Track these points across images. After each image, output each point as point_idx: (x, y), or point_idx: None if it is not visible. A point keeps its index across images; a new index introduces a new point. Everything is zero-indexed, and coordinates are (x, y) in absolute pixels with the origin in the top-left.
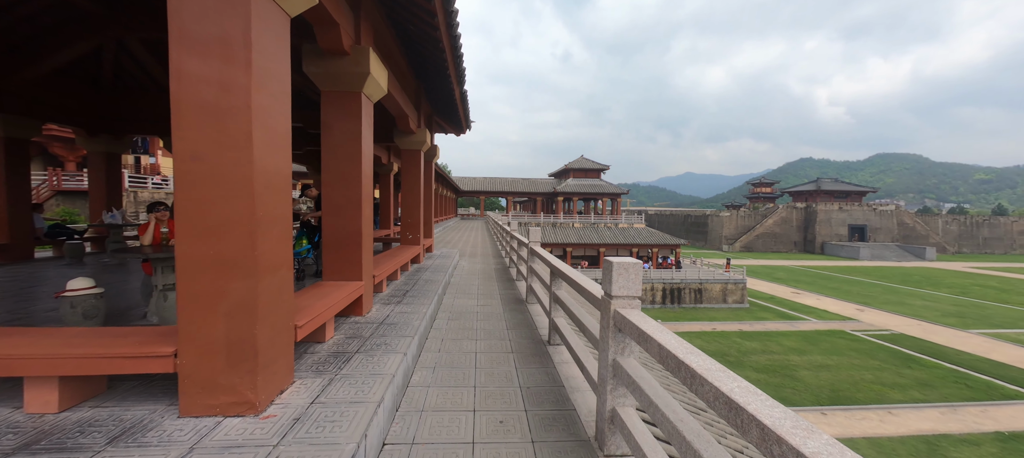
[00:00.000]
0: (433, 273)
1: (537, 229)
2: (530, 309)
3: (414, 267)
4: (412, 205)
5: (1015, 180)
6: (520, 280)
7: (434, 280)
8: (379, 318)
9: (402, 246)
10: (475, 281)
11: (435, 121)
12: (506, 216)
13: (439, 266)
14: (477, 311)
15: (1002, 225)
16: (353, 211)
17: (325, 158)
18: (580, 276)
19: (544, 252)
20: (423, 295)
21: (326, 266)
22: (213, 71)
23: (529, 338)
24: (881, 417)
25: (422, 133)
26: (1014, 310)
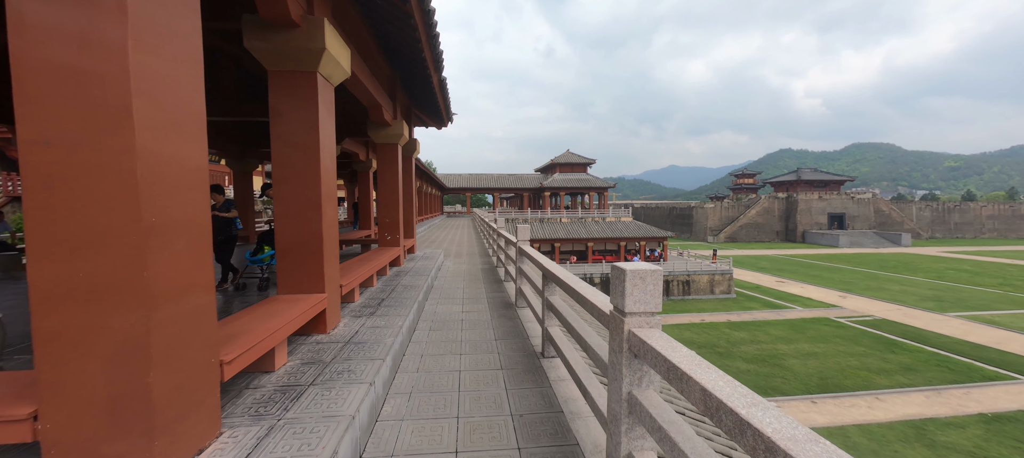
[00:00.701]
0: (414, 277)
1: (526, 227)
2: (520, 314)
3: (393, 271)
4: (390, 204)
5: (982, 167)
6: (508, 281)
7: (414, 285)
8: (346, 335)
9: (380, 249)
10: (460, 283)
11: (414, 114)
12: (493, 213)
13: (421, 269)
14: (462, 319)
15: (971, 210)
16: (311, 212)
17: (275, 150)
18: (579, 283)
19: (534, 252)
20: (401, 304)
21: (280, 277)
22: (69, 18)
23: (520, 350)
24: (869, 403)
25: (399, 126)
26: (987, 292)
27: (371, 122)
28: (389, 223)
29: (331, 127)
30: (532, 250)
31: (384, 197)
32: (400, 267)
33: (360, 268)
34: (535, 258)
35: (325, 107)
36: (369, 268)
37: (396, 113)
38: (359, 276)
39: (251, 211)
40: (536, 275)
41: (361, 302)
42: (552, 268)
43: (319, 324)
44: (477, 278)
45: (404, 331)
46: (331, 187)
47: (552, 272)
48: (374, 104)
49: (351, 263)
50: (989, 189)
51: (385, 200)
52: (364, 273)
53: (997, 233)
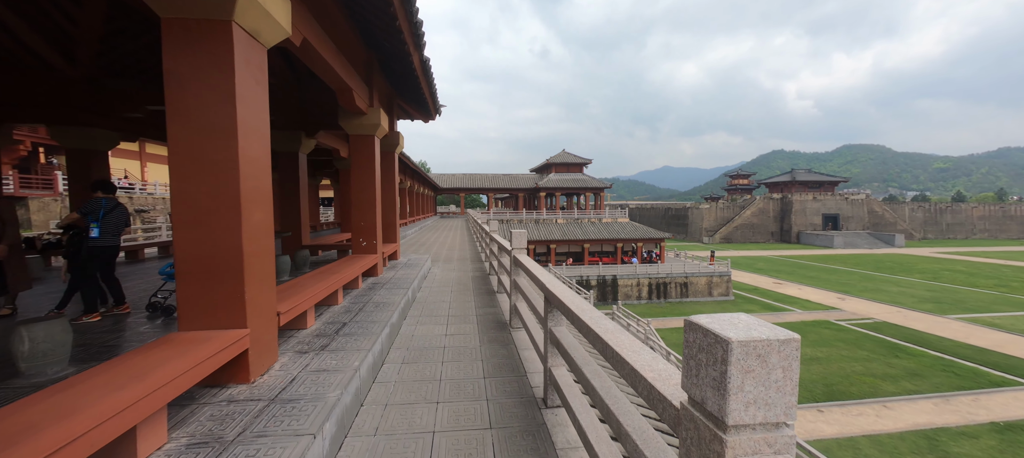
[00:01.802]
0: (391, 290)
1: (521, 232)
2: (515, 338)
3: (369, 282)
4: (365, 205)
5: (970, 168)
6: (502, 292)
7: (389, 302)
8: (275, 387)
9: (351, 258)
10: (447, 296)
11: (397, 105)
12: (486, 214)
13: (402, 279)
14: (445, 345)
15: (963, 211)
16: (224, 218)
17: (172, 132)
18: (602, 323)
19: (533, 265)
20: (367, 328)
21: (182, 308)
22: None
23: (516, 395)
24: (877, 411)
25: (375, 115)
26: (984, 294)
27: (342, 110)
28: (365, 227)
29: (260, 103)
30: (530, 262)
31: (359, 197)
32: (377, 277)
33: (314, 286)
34: (534, 274)
35: (249, 73)
36: (329, 284)
37: (372, 100)
38: (313, 296)
39: None
40: (535, 294)
41: (316, 328)
42: (558, 291)
43: (238, 371)
44: (466, 289)
45: (362, 372)
46: (261, 184)
47: (559, 298)
48: (343, 87)
49: (305, 279)
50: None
51: (360, 200)
52: (320, 291)
53: (988, 233)
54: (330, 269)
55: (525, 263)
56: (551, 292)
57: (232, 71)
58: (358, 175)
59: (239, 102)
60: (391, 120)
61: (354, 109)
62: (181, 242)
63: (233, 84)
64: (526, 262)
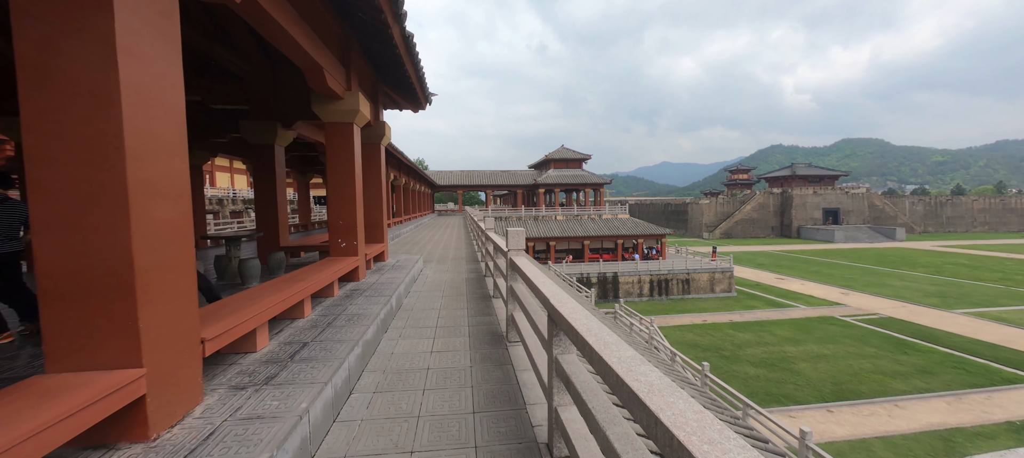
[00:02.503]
0: (371, 299)
1: (519, 230)
2: (512, 355)
3: (347, 288)
4: (343, 201)
5: (968, 161)
6: (498, 297)
7: (365, 313)
8: (181, 447)
9: (325, 262)
10: (437, 302)
11: (383, 92)
12: (484, 211)
13: (386, 284)
14: (429, 366)
15: (963, 204)
16: (107, 214)
17: (23, 93)
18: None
19: (534, 272)
20: (330, 351)
21: (48, 338)
22: None
23: (514, 439)
24: (889, 411)
25: (353, 99)
26: (989, 287)
27: (314, 94)
28: (343, 226)
29: (166, 62)
30: (529, 266)
31: (336, 192)
32: (358, 282)
33: (267, 299)
34: (535, 283)
35: (141, 17)
36: (289, 295)
37: (350, 83)
38: (263, 312)
39: (202, 215)
40: (536, 306)
41: (268, 351)
42: (567, 311)
43: (132, 424)
44: (459, 293)
45: (314, 415)
46: (167, 171)
47: (568, 320)
48: (311, 65)
49: (258, 290)
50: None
51: (338, 196)
52: (275, 305)
53: (988, 226)
54: (295, 276)
55: (523, 268)
56: (557, 311)
57: (110, 14)
58: (335, 168)
59: (123, 55)
60: (375, 109)
61: (327, 92)
62: (42, 250)
63: (111, 27)
64: (525, 267)
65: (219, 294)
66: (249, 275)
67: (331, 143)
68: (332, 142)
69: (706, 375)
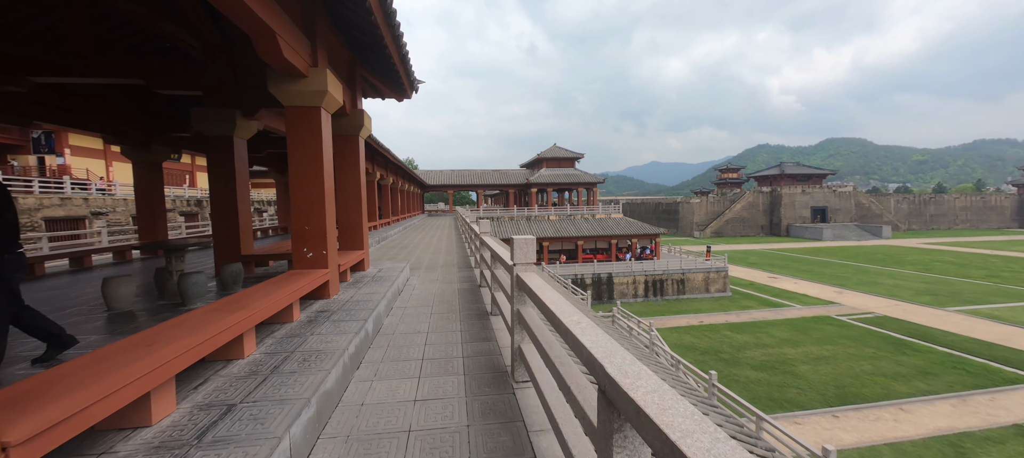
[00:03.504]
0: (339, 325)
1: (528, 240)
2: (522, 405)
3: (313, 309)
4: (308, 201)
5: (947, 160)
6: (497, 314)
7: (328, 349)
8: None
9: (285, 277)
10: (425, 322)
11: (362, 77)
12: (476, 211)
13: (362, 302)
14: (412, 427)
15: (945, 202)
16: None
17: None
18: None
19: (556, 299)
20: (266, 421)
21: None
22: None
23: None
24: (895, 415)
25: (319, 78)
26: (979, 285)
27: (271, 70)
28: (310, 232)
29: None
30: (547, 288)
31: (300, 191)
32: (328, 299)
33: (178, 341)
34: (567, 325)
35: None
36: (215, 332)
37: (316, 58)
38: (160, 368)
39: (162, 218)
40: (557, 347)
41: (167, 425)
42: (643, 392)
43: None
44: (451, 309)
45: None
46: None
47: (658, 424)
48: (261, 29)
49: (167, 328)
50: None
51: (302, 196)
52: (186, 354)
53: (969, 224)
54: (234, 302)
55: (540, 293)
56: (623, 392)
57: None
58: (298, 162)
59: None
60: (352, 96)
61: (286, 67)
62: None
63: None
64: (541, 291)
65: (69, 338)
66: (192, 293)
67: (293, 131)
68: (294, 130)
69: (714, 385)
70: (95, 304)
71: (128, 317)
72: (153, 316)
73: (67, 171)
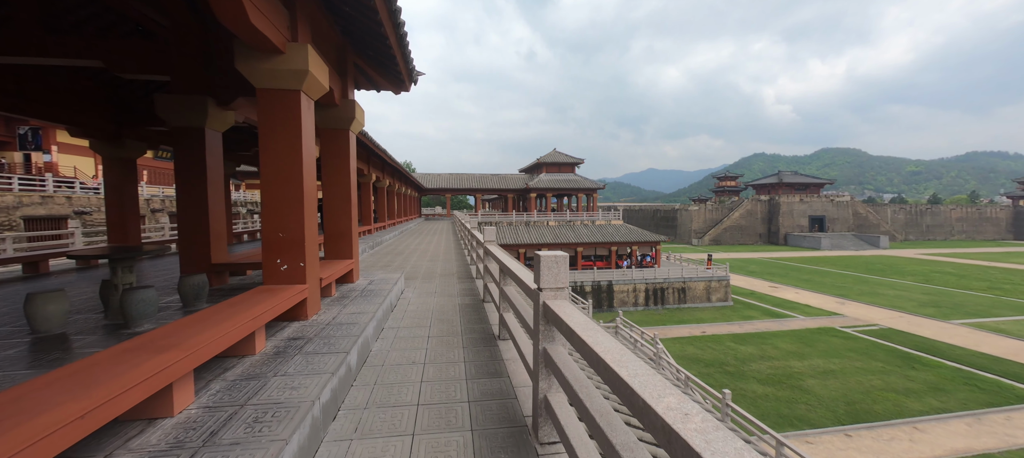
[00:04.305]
0: (312, 358)
1: (558, 257)
2: None
3: (283, 336)
4: (283, 203)
5: (940, 171)
6: (506, 339)
7: (291, 401)
8: None
9: (250, 295)
10: (421, 350)
11: (353, 63)
12: (474, 216)
13: (346, 324)
14: None
15: (942, 213)
16: None
17: None
18: None
19: (620, 358)
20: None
21: None
22: None
23: None
24: (909, 435)
25: (299, 56)
26: (980, 297)
27: (237, 42)
28: (285, 241)
29: None
30: (595, 330)
31: (272, 191)
32: (306, 321)
33: (43, 414)
34: (656, 411)
35: None
36: (112, 397)
37: (296, 32)
38: None
39: (135, 220)
40: (592, 390)
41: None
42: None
43: None
44: (452, 331)
45: None
46: None
47: None
48: None
49: (34, 386)
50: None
51: (274, 197)
52: (54, 433)
53: (965, 235)
54: (158, 340)
55: (598, 347)
56: None
57: None
58: (271, 155)
59: None
60: (342, 84)
61: (255, 39)
62: None
63: None
64: (597, 342)
65: None
66: (137, 313)
67: (266, 119)
68: (267, 118)
69: (727, 405)
70: (20, 324)
71: (56, 343)
72: (89, 339)
73: (53, 169)
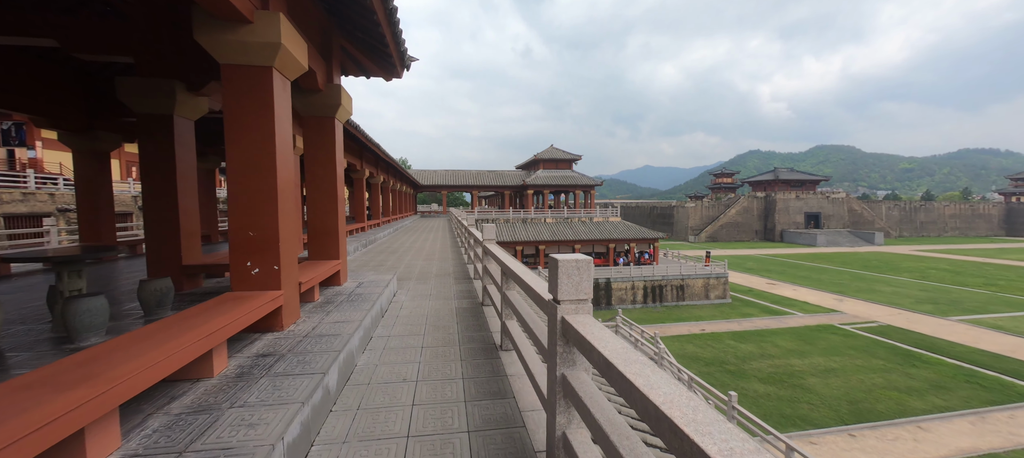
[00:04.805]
0: (281, 382)
1: (582, 263)
2: None
3: (251, 352)
4: (254, 198)
5: (933, 168)
6: (510, 350)
7: (242, 447)
8: None
9: (215, 302)
10: (413, 362)
11: (339, 45)
12: (471, 213)
13: (328, 335)
14: None
15: (935, 210)
16: None
17: None
18: None
19: (675, 400)
20: None
21: None
22: None
23: None
24: (913, 435)
25: (270, 26)
26: (976, 293)
27: (195, 7)
28: (256, 241)
29: None
30: (636, 359)
31: (241, 185)
32: (279, 333)
33: None
34: None
35: None
36: None
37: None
38: None
39: (109, 218)
40: (624, 428)
41: None
42: None
43: None
44: (449, 341)
45: None
46: None
47: None
48: None
49: None
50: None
51: (244, 192)
52: None
53: (958, 231)
54: (77, 366)
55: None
56: None
57: None
58: (238, 141)
59: None
60: (327, 68)
61: (217, 6)
62: None
63: None
64: (637, 375)
65: None
66: (81, 324)
67: (232, 99)
68: (233, 98)
69: (734, 407)
70: None
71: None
72: (21, 357)
73: (37, 165)
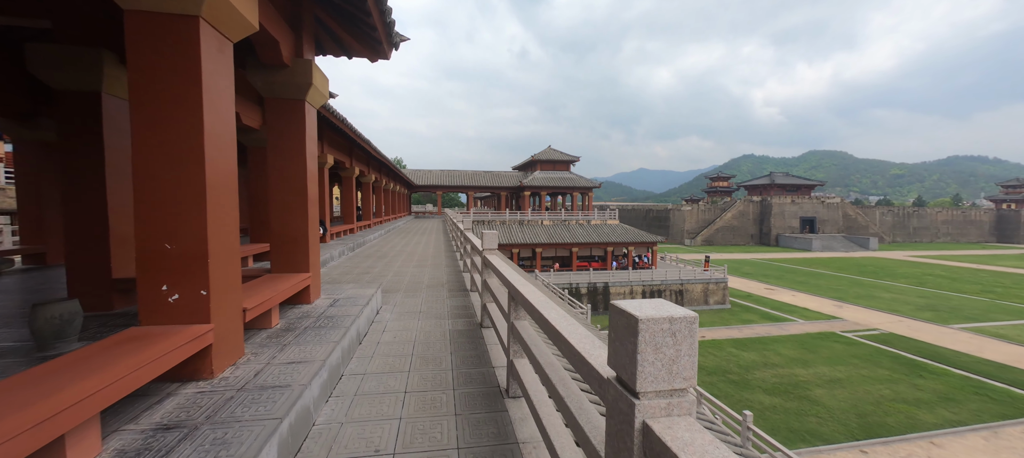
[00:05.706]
0: (207, 446)
1: (679, 322)
2: None
3: (158, 414)
4: (171, 194)
5: (923, 175)
6: (518, 397)
7: None
8: None
9: (90, 352)
10: (392, 420)
11: (314, 12)
12: (466, 214)
13: (274, 387)
14: None
15: (928, 216)
16: None
17: None
18: None
19: None
20: None
21: None
22: None
23: None
24: (927, 451)
25: None
26: (975, 300)
27: None
28: (175, 255)
29: None
30: None
31: (151, 175)
32: (207, 381)
33: None
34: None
35: None
36: None
37: None
38: None
39: (58, 218)
40: None
41: None
42: None
43: None
44: (440, 382)
45: None
46: None
47: None
48: None
49: None
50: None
51: (154, 187)
52: None
53: (950, 237)
54: None
55: None
56: None
57: None
58: (148, 114)
59: None
60: (296, 40)
61: None
62: None
63: None
64: None
65: None
66: None
67: (138, 57)
68: (140, 54)
69: (748, 427)
70: None
71: None
72: None
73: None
